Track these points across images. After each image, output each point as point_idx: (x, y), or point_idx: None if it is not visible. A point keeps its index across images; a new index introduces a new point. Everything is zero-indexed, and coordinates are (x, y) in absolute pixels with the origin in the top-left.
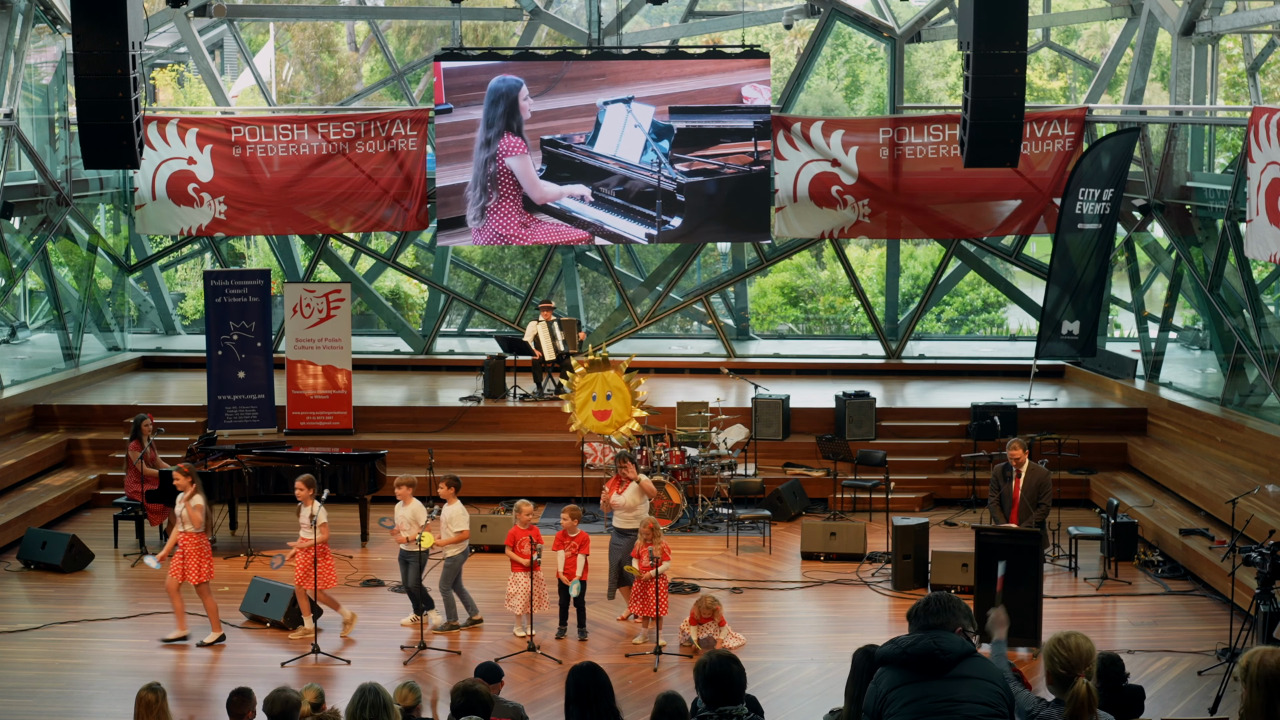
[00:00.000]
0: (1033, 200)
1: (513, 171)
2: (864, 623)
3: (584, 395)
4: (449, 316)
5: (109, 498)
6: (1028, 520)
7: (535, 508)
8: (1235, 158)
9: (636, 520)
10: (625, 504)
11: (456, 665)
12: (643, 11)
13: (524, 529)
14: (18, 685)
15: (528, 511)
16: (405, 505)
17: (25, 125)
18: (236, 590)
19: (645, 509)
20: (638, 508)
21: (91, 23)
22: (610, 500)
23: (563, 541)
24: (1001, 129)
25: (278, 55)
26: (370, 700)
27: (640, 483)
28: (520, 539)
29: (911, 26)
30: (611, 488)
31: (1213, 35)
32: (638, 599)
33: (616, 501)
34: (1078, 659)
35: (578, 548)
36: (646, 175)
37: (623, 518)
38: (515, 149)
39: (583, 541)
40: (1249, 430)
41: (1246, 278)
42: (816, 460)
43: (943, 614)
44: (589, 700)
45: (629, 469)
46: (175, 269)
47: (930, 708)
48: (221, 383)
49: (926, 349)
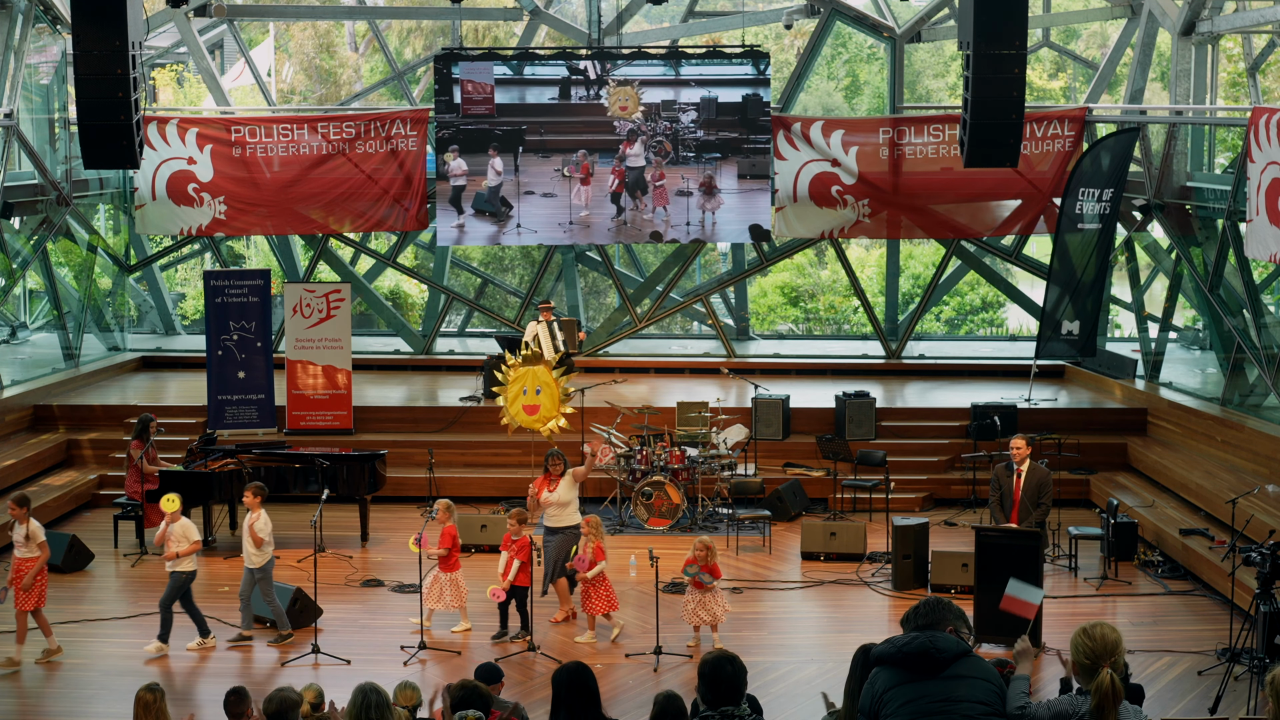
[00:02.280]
0: (1033, 200)
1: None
2: (864, 623)
3: (515, 389)
4: (449, 316)
5: (109, 498)
6: (1028, 520)
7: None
8: (1235, 158)
9: (568, 517)
10: (558, 500)
11: (456, 665)
12: (643, 11)
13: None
14: (18, 685)
15: (444, 511)
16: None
17: (25, 125)
18: (237, 590)
19: (576, 505)
20: (570, 504)
21: (91, 23)
22: (542, 499)
23: (507, 544)
24: (1001, 129)
25: (278, 55)
26: (371, 700)
27: (574, 473)
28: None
29: (911, 26)
30: (540, 486)
31: (1213, 35)
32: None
33: (549, 499)
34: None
35: (516, 551)
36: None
37: (554, 515)
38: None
39: (523, 546)
40: (1249, 430)
41: (1246, 278)
42: (816, 460)
43: (933, 614)
44: (577, 702)
45: (558, 464)
46: (175, 269)
47: (927, 708)
48: (221, 383)
49: (926, 349)
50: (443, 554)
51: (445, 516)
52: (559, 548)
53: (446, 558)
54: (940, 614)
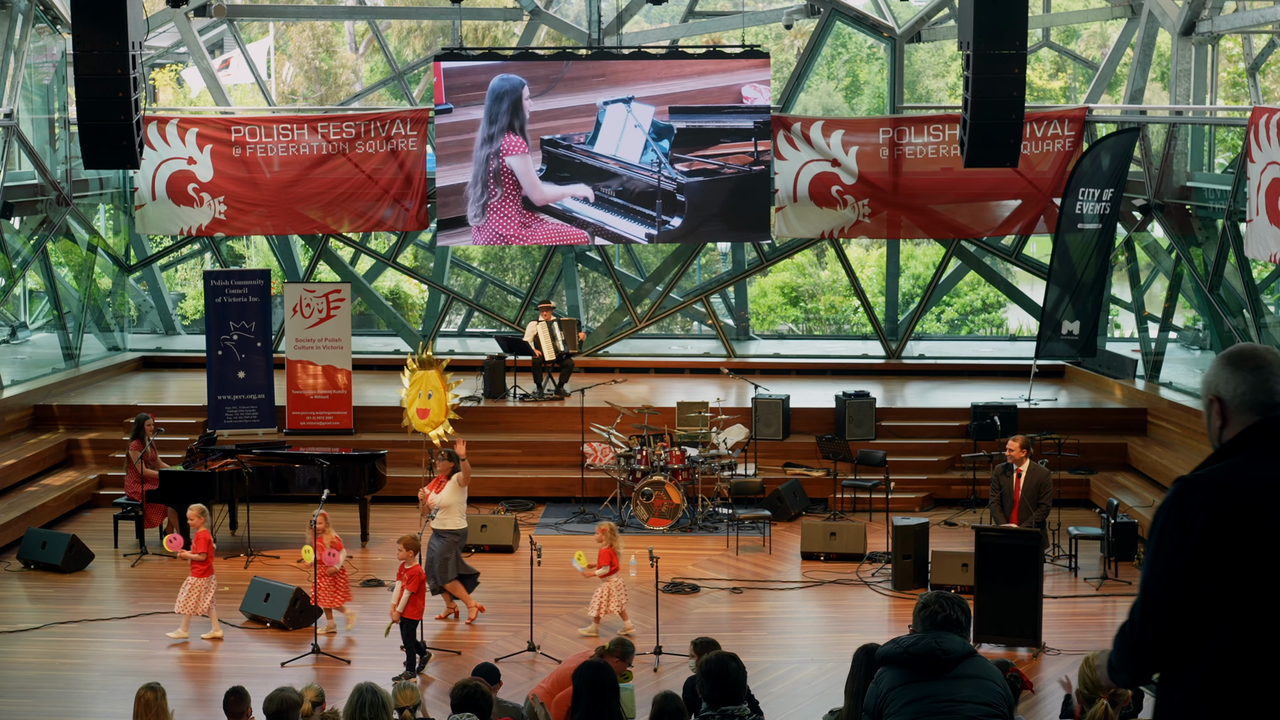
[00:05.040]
0: (1033, 200)
1: (513, 171)
2: (864, 623)
3: (413, 392)
4: (449, 316)
5: (109, 498)
6: (1028, 520)
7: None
8: (1235, 158)
9: (452, 520)
10: (443, 503)
11: (456, 665)
12: (643, 11)
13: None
14: (18, 685)
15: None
16: None
17: (25, 125)
18: (237, 590)
19: (463, 507)
20: (453, 507)
21: (91, 23)
22: (429, 501)
23: (401, 573)
24: (1001, 129)
25: (277, 56)
26: (368, 700)
27: (457, 477)
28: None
29: (911, 26)
30: (431, 488)
31: (1213, 35)
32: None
33: (434, 501)
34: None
35: (406, 581)
36: (646, 175)
37: (440, 518)
38: (516, 148)
39: (413, 576)
40: None
41: (1246, 278)
42: (816, 460)
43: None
44: (599, 695)
45: (446, 465)
46: (175, 269)
47: (931, 708)
48: (221, 383)
49: (926, 349)
50: (199, 558)
51: (200, 520)
52: (443, 551)
53: (202, 562)
54: (953, 615)
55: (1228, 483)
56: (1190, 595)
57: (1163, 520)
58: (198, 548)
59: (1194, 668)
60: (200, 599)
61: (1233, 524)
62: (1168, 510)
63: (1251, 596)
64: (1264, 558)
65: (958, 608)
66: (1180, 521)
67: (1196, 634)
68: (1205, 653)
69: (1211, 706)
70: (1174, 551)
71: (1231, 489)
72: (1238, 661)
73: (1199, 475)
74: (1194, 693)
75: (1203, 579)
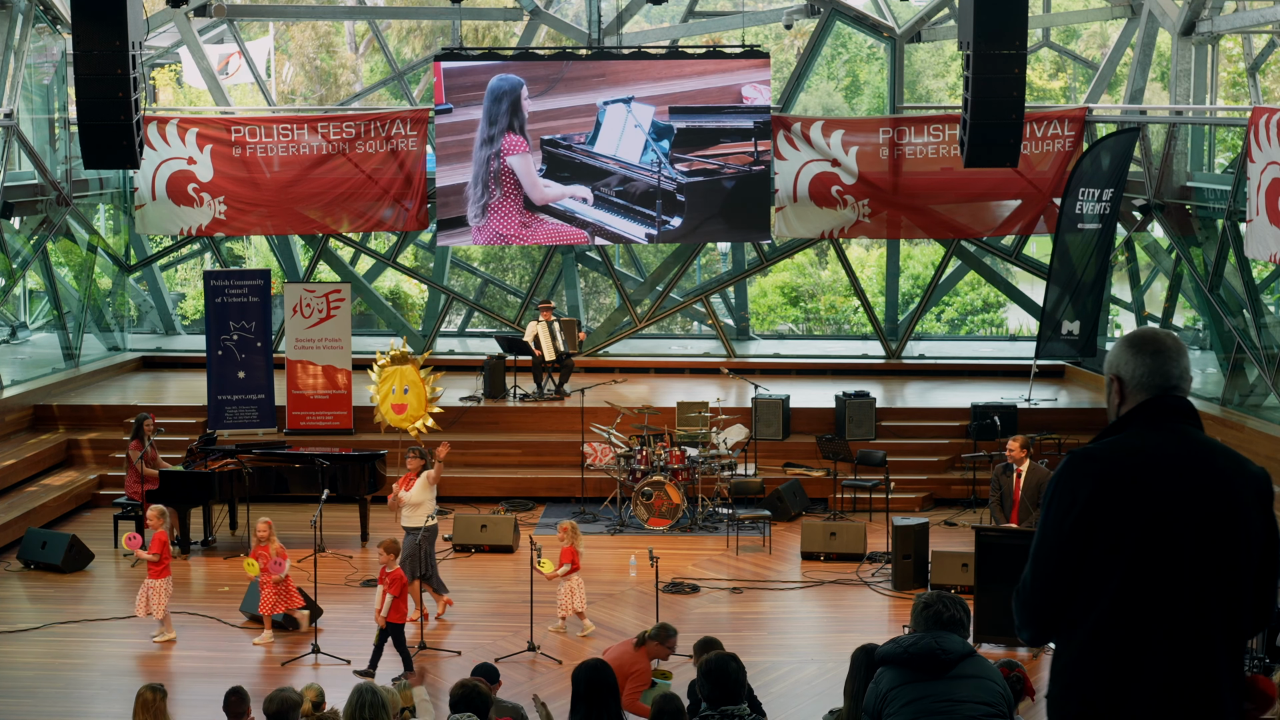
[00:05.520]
0: (1033, 200)
1: (514, 171)
2: (864, 623)
3: (385, 388)
4: (449, 316)
5: (109, 498)
6: (1028, 520)
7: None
8: (1235, 158)
9: (419, 518)
10: (410, 500)
11: (456, 665)
12: (643, 11)
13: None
14: (18, 685)
15: (156, 517)
16: None
17: (25, 125)
18: (237, 590)
19: (432, 505)
20: (421, 505)
21: (91, 23)
22: (399, 498)
23: (383, 578)
24: (1001, 129)
25: (277, 56)
26: (368, 700)
27: (427, 475)
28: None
29: (911, 26)
30: (400, 485)
31: (1213, 35)
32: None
33: (404, 498)
34: None
35: (388, 585)
36: (646, 175)
37: (407, 515)
38: (517, 148)
39: (394, 580)
40: (1249, 430)
41: (1246, 278)
42: (816, 460)
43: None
44: (598, 696)
45: (416, 462)
46: (175, 269)
47: (931, 708)
48: (221, 383)
49: (926, 349)
50: (154, 559)
51: (158, 522)
52: (411, 548)
53: (157, 564)
54: (954, 615)
55: (1112, 455)
56: (1077, 560)
57: (1053, 489)
58: (154, 549)
59: (1081, 628)
60: (157, 600)
61: (1115, 493)
62: (1057, 480)
63: (1131, 561)
64: (1142, 525)
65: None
66: (1068, 491)
67: (1084, 597)
68: (1091, 614)
69: (1096, 664)
70: (1061, 518)
71: (1115, 461)
72: (1119, 622)
73: (1088, 448)
74: (1081, 651)
75: (1088, 544)
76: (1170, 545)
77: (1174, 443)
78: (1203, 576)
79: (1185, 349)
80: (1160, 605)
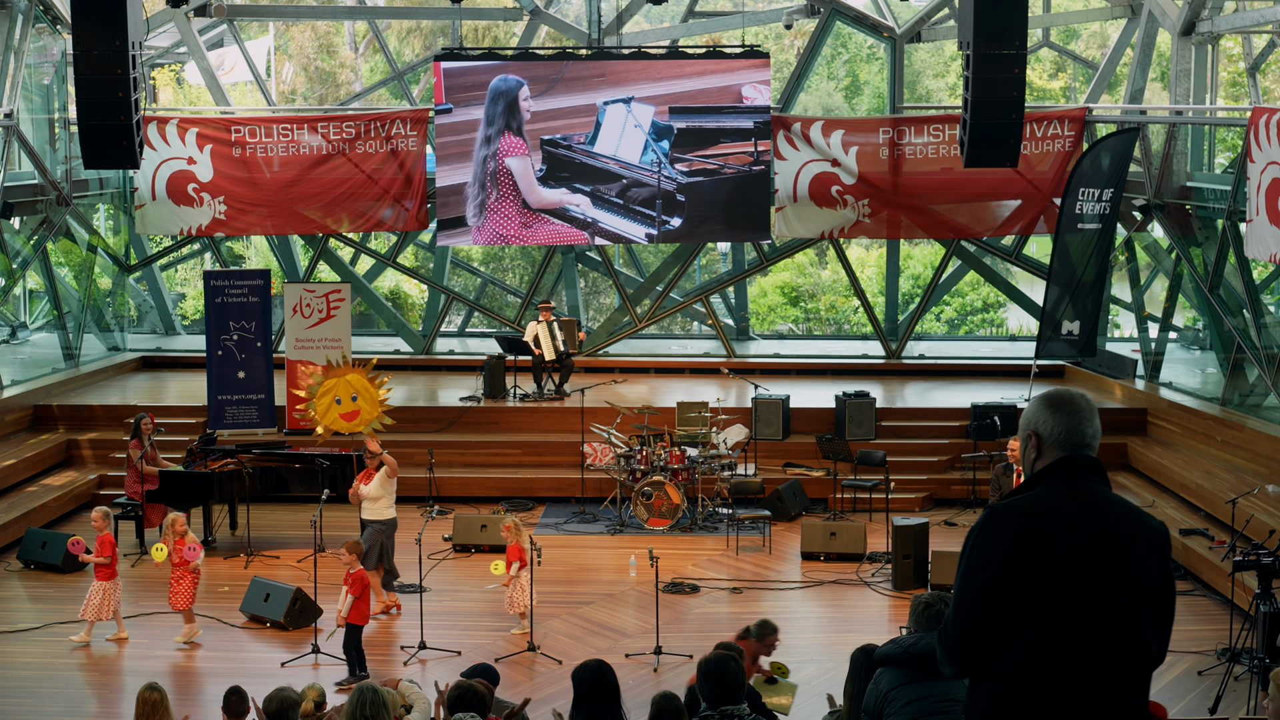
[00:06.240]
0: (1033, 200)
1: (512, 172)
2: (864, 623)
3: (326, 401)
4: (449, 316)
5: (109, 498)
6: None
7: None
8: (1235, 158)
9: (379, 511)
10: (369, 495)
11: (456, 665)
12: (643, 11)
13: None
14: (18, 685)
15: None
16: None
17: (25, 125)
18: (237, 590)
19: (392, 499)
20: (381, 499)
21: (91, 23)
22: (359, 492)
23: (347, 579)
24: (1001, 129)
25: (277, 56)
26: (369, 699)
27: (385, 470)
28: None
29: (911, 26)
30: (360, 480)
31: (1213, 35)
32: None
33: (363, 493)
34: None
35: (350, 585)
36: (646, 175)
37: (367, 509)
38: (516, 149)
39: (355, 580)
40: (1249, 430)
41: (1246, 278)
42: (816, 460)
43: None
44: (600, 696)
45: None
46: (175, 269)
47: (931, 708)
48: (221, 383)
49: (926, 349)
50: (103, 562)
51: (103, 524)
52: (370, 539)
53: (106, 566)
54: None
55: (1026, 511)
56: (993, 608)
57: (971, 542)
58: (102, 551)
59: (994, 671)
60: (105, 602)
61: (1027, 547)
62: (976, 534)
63: (1041, 611)
64: (1052, 577)
65: None
66: (985, 544)
67: (998, 642)
68: (1004, 659)
69: (1009, 704)
70: (980, 569)
71: (1029, 516)
72: (1029, 668)
73: (1004, 504)
74: (993, 693)
75: (1003, 594)
76: (1075, 595)
77: (1082, 501)
78: (1104, 622)
79: (1096, 410)
80: (1067, 649)
